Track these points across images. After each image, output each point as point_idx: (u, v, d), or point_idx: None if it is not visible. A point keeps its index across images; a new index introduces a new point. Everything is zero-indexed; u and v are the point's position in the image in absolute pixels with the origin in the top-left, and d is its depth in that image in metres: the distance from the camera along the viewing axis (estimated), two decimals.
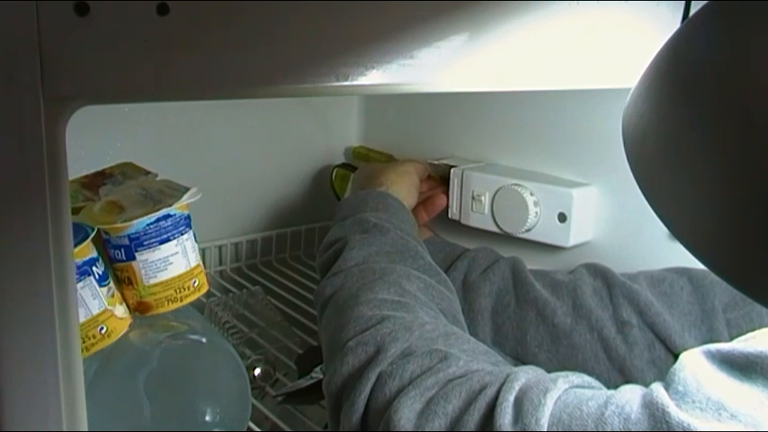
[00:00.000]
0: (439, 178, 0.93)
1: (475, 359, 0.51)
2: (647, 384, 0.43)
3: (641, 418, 0.39)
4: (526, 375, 0.46)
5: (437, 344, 0.52)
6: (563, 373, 0.46)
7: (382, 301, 0.58)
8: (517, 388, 0.45)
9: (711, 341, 0.64)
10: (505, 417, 0.43)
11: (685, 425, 0.37)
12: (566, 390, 0.44)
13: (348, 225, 0.71)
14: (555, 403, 0.43)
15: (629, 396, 0.42)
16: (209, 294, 0.84)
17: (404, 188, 0.81)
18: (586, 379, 0.47)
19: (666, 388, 0.41)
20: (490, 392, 0.46)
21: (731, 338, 0.63)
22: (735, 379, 0.39)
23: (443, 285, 0.66)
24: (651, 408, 0.39)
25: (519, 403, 0.44)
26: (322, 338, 0.62)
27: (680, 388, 0.40)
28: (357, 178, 0.87)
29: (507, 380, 0.46)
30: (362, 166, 0.95)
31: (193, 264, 0.68)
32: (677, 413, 0.38)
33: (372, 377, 0.51)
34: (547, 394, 0.43)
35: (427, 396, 0.47)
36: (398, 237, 0.69)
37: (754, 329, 0.62)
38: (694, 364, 0.41)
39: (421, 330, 0.53)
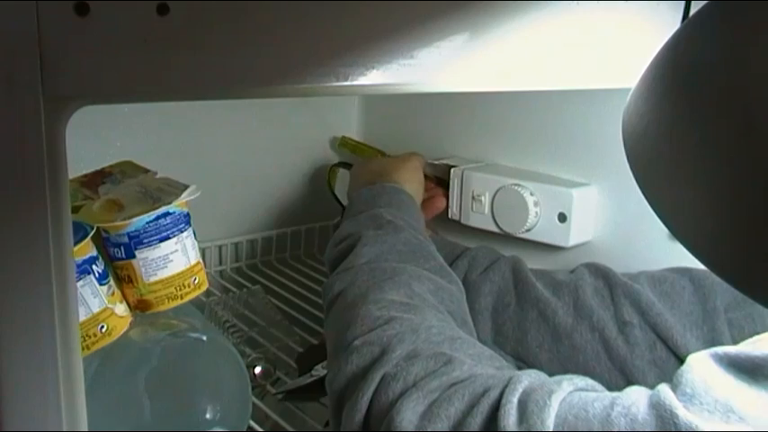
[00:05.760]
0: (435, 178, 0.92)
1: (479, 363, 0.51)
2: (648, 385, 0.43)
3: (648, 419, 0.39)
4: (529, 378, 0.46)
5: (442, 347, 0.52)
6: (567, 376, 0.46)
7: (391, 302, 0.58)
8: (521, 390, 0.45)
9: (713, 341, 0.64)
10: (509, 418, 0.43)
11: (693, 426, 0.37)
12: (570, 392, 0.44)
13: (362, 220, 0.70)
14: (560, 405, 0.43)
15: (636, 397, 0.41)
16: (209, 294, 0.84)
17: (414, 185, 0.82)
18: (590, 382, 0.47)
19: (674, 390, 0.40)
20: (493, 395, 0.45)
21: (733, 339, 0.63)
22: (742, 382, 0.39)
23: (454, 286, 0.65)
24: (659, 409, 0.39)
25: (523, 405, 0.44)
26: (328, 334, 0.62)
27: (688, 390, 0.40)
28: (361, 173, 0.86)
29: (510, 382, 0.46)
30: (364, 160, 0.95)
31: (193, 261, 0.68)
32: (685, 414, 0.38)
33: (376, 378, 0.51)
34: (552, 396, 0.43)
35: (430, 399, 0.47)
36: (412, 236, 0.69)
37: (755, 330, 0.62)
38: (702, 367, 0.41)
39: (427, 333, 0.53)
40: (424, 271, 0.64)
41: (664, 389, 0.41)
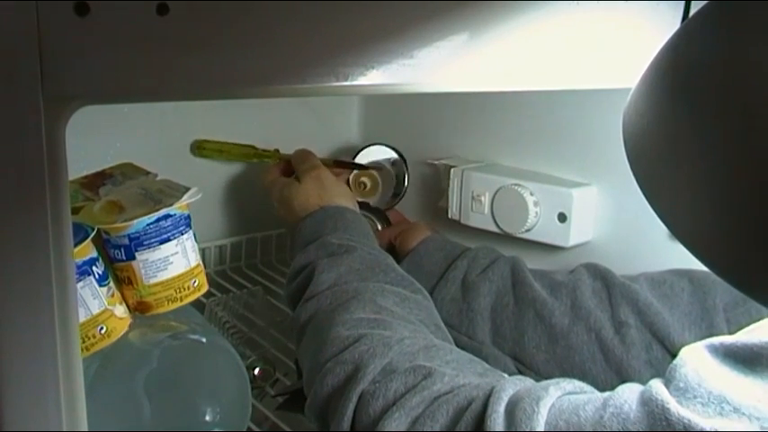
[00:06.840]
0: (333, 162, 0.91)
1: (460, 371, 0.50)
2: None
3: (640, 416, 0.39)
4: (514, 386, 0.46)
5: (418, 358, 0.51)
6: (554, 381, 0.46)
7: (358, 321, 0.57)
8: (506, 399, 0.44)
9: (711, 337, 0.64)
10: (496, 429, 0.42)
11: (686, 421, 0.37)
12: (559, 397, 0.44)
13: (312, 251, 0.69)
14: (549, 411, 0.42)
15: (628, 395, 0.41)
16: (208, 294, 0.84)
17: (344, 193, 0.79)
18: (578, 384, 0.46)
19: (667, 385, 0.40)
20: (476, 407, 0.45)
21: (732, 334, 0.63)
22: (738, 372, 0.38)
23: (419, 294, 0.65)
24: (650, 404, 0.39)
25: (511, 414, 0.43)
26: (302, 365, 0.61)
27: (681, 384, 0.39)
28: (290, 206, 0.79)
29: (494, 392, 0.45)
30: (273, 182, 0.86)
31: (193, 263, 0.68)
32: (677, 409, 0.37)
33: (354, 398, 0.50)
34: (540, 402, 0.42)
35: (413, 416, 0.47)
36: (366, 253, 0.68)
37: None
38: (696, 360, 0.40)
39: (400, 345, 0.53)
40: (386, 285, 0.63)
41: (656, 384, 0.40)
